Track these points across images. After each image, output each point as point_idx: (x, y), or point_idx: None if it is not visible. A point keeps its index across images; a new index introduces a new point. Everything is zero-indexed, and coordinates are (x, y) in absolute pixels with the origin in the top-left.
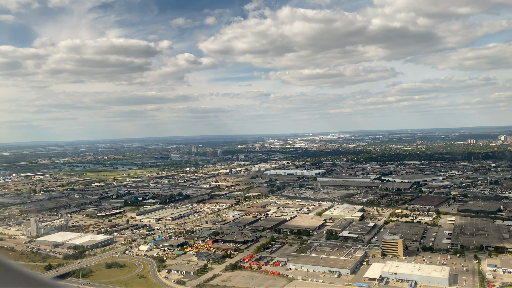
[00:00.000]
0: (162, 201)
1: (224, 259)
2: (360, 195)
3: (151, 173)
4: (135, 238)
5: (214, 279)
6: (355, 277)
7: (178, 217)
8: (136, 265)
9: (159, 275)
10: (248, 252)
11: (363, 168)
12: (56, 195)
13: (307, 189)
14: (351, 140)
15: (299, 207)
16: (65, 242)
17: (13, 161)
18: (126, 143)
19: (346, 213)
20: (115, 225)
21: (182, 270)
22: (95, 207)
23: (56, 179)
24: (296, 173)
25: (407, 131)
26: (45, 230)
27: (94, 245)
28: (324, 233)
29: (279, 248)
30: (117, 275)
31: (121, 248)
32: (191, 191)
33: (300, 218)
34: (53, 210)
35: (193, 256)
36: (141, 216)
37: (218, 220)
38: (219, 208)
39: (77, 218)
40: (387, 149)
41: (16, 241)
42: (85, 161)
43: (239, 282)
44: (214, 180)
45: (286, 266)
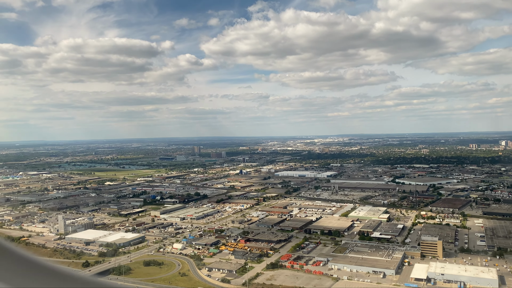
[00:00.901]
0: (181, 201)
1: (261, 258)
2: (378, 197)
3: (160, 173)
4: (165, 236)
5: (259, 278)
6: (401, 277)
7: (202, 216)
8: (174, 263)
9: (200, 273)
10: (283, 252)
11: (373, 171)
12: (71, 194)
13: (323, 190)
14: (351, 143)
15: (321, 208)
16: (96, 239)
17: (15, 160)
18: (124, 144)
19: (371, 214)
20: (141, 223)
21: (223, 269)
22: (115, 206)
23: (65, 178)
24: (307, 174)
25: (405, 135)
26: (72, 228)
27: (126, 243)
28: (355, 234)
29: (314, 248)
30: (157, 273)
31: (154, 246)
32: (207, 191)
33: (327, 219)
34: (72, 208)
35: (229, 255)
36: (165, 215)
37: (243, 220)
38: (240, 208)
39: (99, 216)
40: (391, 153)
41: (45, 238)
42: (88, 160)
43: (285, 280)
44: (226, 180)
45: (328, 266)
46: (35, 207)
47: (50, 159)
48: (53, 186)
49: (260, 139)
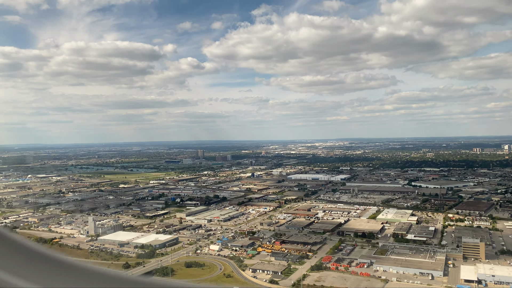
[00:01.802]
0: (202, 203)
1: (302, 260)
2: (399, 200)
3: (170, 176)
4: (198, 238)
5: (306, 279)
6: (449, 279)
7: (228, 219)
8: (215, 264)
9: (245, 275)
10: (322, 254)
11: (385, 174)
12: (88, 196)
13: (341, 193)
14: (353, 147)
15: (346, 211)
16: (130, 241)
17: (18, 163)
18: (124, 147)
19: (399, 217)
20: (170, 225)
21: (268, 270)
22: (137, 208)
23: (76, 181)
24: (321, 178)
25: (404, 139)
26: (102, 230)
27: (161, 244)
28: (388, 236)
29: (352, 250)
30: (201, 274)
31: (189, 248)
32: (225, 194)
33: (355, 222)
34: (94, 210)
35: (268, 257)
36: (191, 217)
37: (271, 222)
38: (264, 211)
39: (124, 218)
40: (397, 156)
41: (76, 240)
42: (93, 163)
43: (334, 282)
44: (240, 183)
45: (373, 268)
46: (56, 209)
47: (54, 162)
48: (67, 188)
49: (260, 143)
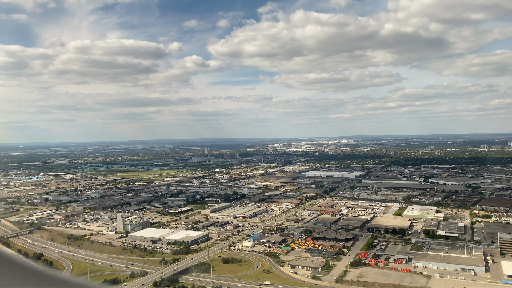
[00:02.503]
0: (223, 200)
1: (338, 256)
2: (419, 196)
3: (183, 174)
4: (228, 234)
5: (347, 275)
6: (492, 275)
7: (253, 215)
8: (251, 260)
9: (284, 271)
10: (355, 250)
11: (399, 171)
12: (106, 193)
13: (360, 190)
14: (358, 144)
15: (369, 207)
16: (162, 237)
17: (26, 161)
18: (128, 145)
19: (426, 213)
20: (197, 221)
21: (307, 266)
22: (160, 205)
23: (90, 178)
24: (335, 175)
25: (408, 136)
26: (131, 226)
27: (193, 241)
28: (419, 232)
29: (386, 247)
30: (240, 270)
31: (222, 244)
32: (242, 191)
33: (382, 218)
34: (116, 207)
35: (303, 253)
36: (216, 214)
37: (298, 219)
38: (286, 208)
39: (149, 215)
40: (405, 154)
41: (106, 236)
42: (101, 161)
43: (376, 278)
44: (255, 181)
45: (412, 264)
46: (78, 207)
47: (63, 160)
48: (83, 186)
49: (263, 141)
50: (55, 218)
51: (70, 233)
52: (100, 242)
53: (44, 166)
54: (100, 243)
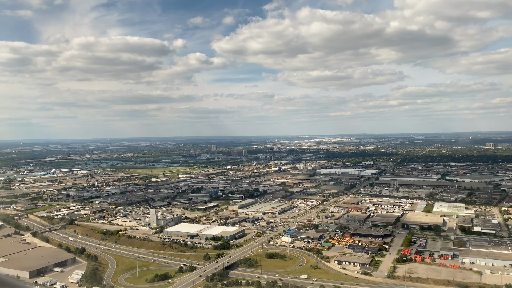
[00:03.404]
0: (246, 196)
1: (381, 252)
2: (441, 193)
3: (195, 170)
4: (263, 230)
5: (397, 271)
6: None
7: (282, 212)
8: (294, 256)
9: (332, 266)
10: (396, 246)
11: (412, 169)
12: (126, 189)
13: (380, 187)
14: (361, 142)
15: (396, 204)
16: (199, 232)
17: (33, 157)
18: (131, 142)
19: (455, 210)
20: (227, 217)
21: (354, 262)
22: (185, 201)
23: (103, 175)
24: (350, 172)
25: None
26: (164, 222)
27: (231, 236)
28: (454, 229)
29: (426, 243)
30: (286, 266)
31: (261, 239)
32: (263, 187)
33: (413, 215)
34: (140, 203)
35: (345, 249)
36: (243, 209)
37: (328, 215)
38: (312, 204)
39: (177, 210)
40: (412, 152)
41: (141, 232)
42: (108, 158)
43: (428, 274)
44: (271, 177)
45: (458, 260)
46: (102, 202)
47: (70, 157)
48: (99, 182)
49: (266, 139)
50: (83, 214)
51: (104, 228)
52: (137, 238)
53: (53, 163)
54: (138, 239)
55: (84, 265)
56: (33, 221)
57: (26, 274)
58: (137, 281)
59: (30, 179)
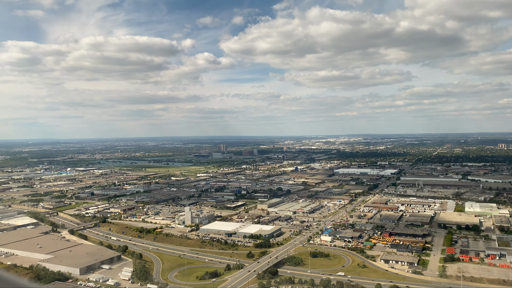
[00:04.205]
0: (271, 195)
1: (425, 251)
2: (468, 193)
3: (211, 170)
4: (299, 229)
5: (447, 270)
6: None
7: (312, 211)
8: (338, 255)
9: (379, 265)
10: (438, 246)
11: (430, 169)
12: (150, 188)
13: (403, 187)
14: (369, 143)
15: (425, 204)
16: (236, 231)
17: (45, 156)
18: (138, 142)
19: (488, 210)
20: (259, 216)
21: (402, 261)
22: (212, 199)
23: (120, 173)
24: (369, 172)
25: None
26: (199, 220)
27: (269, 234)
28: (492, 229)
29: (468, 243)
30: (332, 265)
31: (299, 238)
32: (285, 187)
33: (446, 215)
34: (166, 201)
35: (386, 248)
36: (272, 208)
37: (360, 215)
38: (340, 204)
39: (206, 209)
40: (424, 152)
41: (177, 229)
42: (120, 157)
43: (480, 273)
44: (291, 177)
45: (507, 259)
46: (128, 201)
47: (82, 156)
48: (119, 181)
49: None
50: (113, 212)
51: (140, 226)
52: (174, 235)
53: (66, 162)
54: (175, 236)
55: (129, 263)
56: (65, 219)
57: (77, 271)
58: (186, 278)
59: (49, 177)
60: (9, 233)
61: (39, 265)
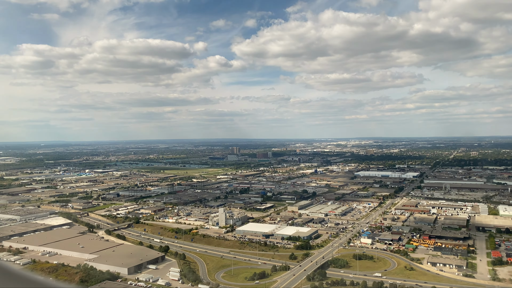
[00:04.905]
0: (297, 197)
1: (471, 254)
2: (497, 196)
3: (229, 172)
4: (336, 231)
5: (499, 274)
6: None
7: (343, 213)
8: (382, 257)
9: (427, 268)
10: (481, 249)
11: (453, 172)
12: (174, 190)
13: (429, 190)
14: (382, 146)
15: (457, 207)
16: (273, 232)
17: (58, 158)
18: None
19: None
20: (291, 218)
21: (449, 264)
22: (240, 201)
23: (140, 175)
24: (391, 175)
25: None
26: (232, 221)
27: (308, 236)
28: None
29: None
30: (377, 267)
31: (338, 240)
32: (308, 189)
33: (482, 218)
34: (193, 203)
35: (429, 251)
36: (303, 210)
37: (394, 217)
38: (369, 206)
39: (235, 210)
40: (439, 155)
41: (212, 230)
42: (134, 159)
43: None
44: (312, 179)
45: None
46: (156, 202)
47: (97, 158)
48: (141, 182)
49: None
50: (144, 213)
51: (176, 227)
52: (211, 236)
53: (82, 164)
54: (213, 237)
55: (173, 263)
56: (97, 220)
57: (125, 271)
58: (234, 279)
59: (70, 179)
60: (47, 233)
61: (86, 265)
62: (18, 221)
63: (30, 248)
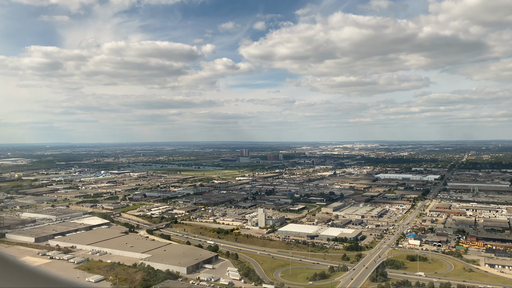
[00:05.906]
0: (326, 199)
1: None
2: None
3: (246, 174)
4: (380, 233)
5: None
6: None
7: (379, 215)
8: (436, 259)
9: (486, 270)
10: None
11: (474, 175)
12: (200, 191)
13: (455, 192)
14: (389, 149)
15: (493, 209)
16: (318, 233)
17: (68, 160)
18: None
19: None
20: (328, 219)
21: (509, 266)
22: (270, 202)
23: (157, 177)
24: (411, 177)
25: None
26: (272, 222)
27: (354, 238)
28: None
29: None
30: (434, 269)
31: (385, 241)
32: (334, 191)
33: None
34: (223, 203)
35: (482, 252)
36: (337, 212)
37: (432, 219)
38: (402, 208)
39: (268, 212)
40: (451, 158)
41: (253, 231)
42: (145, 161)
43: None
44: (334, 181)
45: None
46: (186, 202)
47: (108, 160)
48: (162, 184)
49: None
50: (178, 213)
51: (217, 227)
52: (254, 237)
53: (94, 165)
54: (256, 238)
55: (227, 263)
56: (131, 220)
57: (184, 270)
58: (294, 279)
59: (89, 180)
60: (90, 232)
61: (143, 264)
62: (54, 220)
63: (78, 247)
